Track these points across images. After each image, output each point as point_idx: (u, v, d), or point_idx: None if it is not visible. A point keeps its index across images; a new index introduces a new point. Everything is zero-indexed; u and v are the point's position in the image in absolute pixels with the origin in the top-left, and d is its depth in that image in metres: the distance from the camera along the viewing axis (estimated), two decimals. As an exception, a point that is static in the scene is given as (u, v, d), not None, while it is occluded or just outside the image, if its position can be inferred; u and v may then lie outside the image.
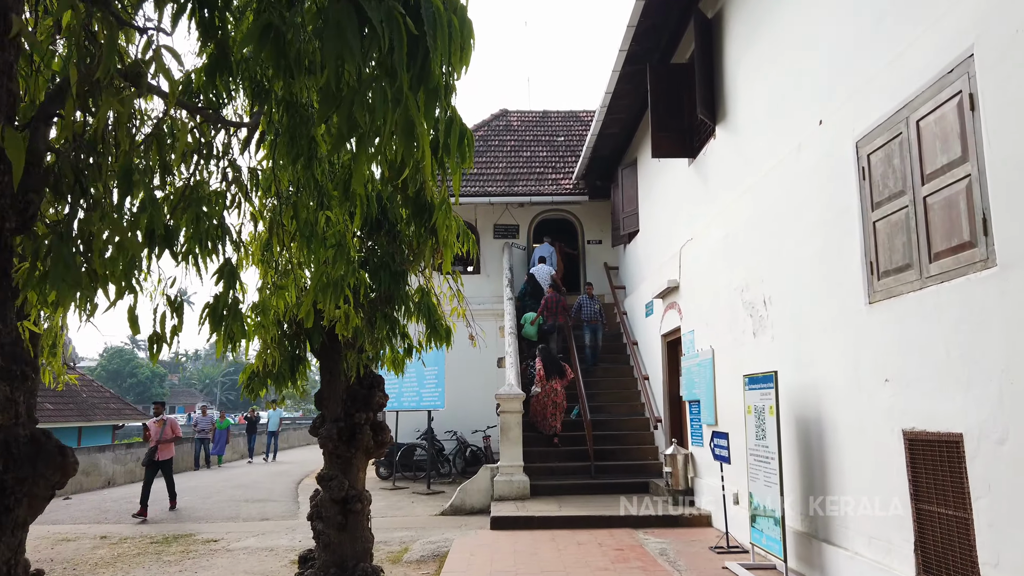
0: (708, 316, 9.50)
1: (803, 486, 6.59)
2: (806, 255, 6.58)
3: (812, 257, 6.46)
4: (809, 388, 6.52)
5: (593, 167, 16.09)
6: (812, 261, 6.46)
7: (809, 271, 6.52)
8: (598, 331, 14.63)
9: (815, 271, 6.40)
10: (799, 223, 6.75)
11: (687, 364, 10.36)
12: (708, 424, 9.42)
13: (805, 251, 6.60)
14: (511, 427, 11.48)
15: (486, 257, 17.23)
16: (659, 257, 12.43)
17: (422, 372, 14.24)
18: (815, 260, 6.40)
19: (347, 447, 5.87)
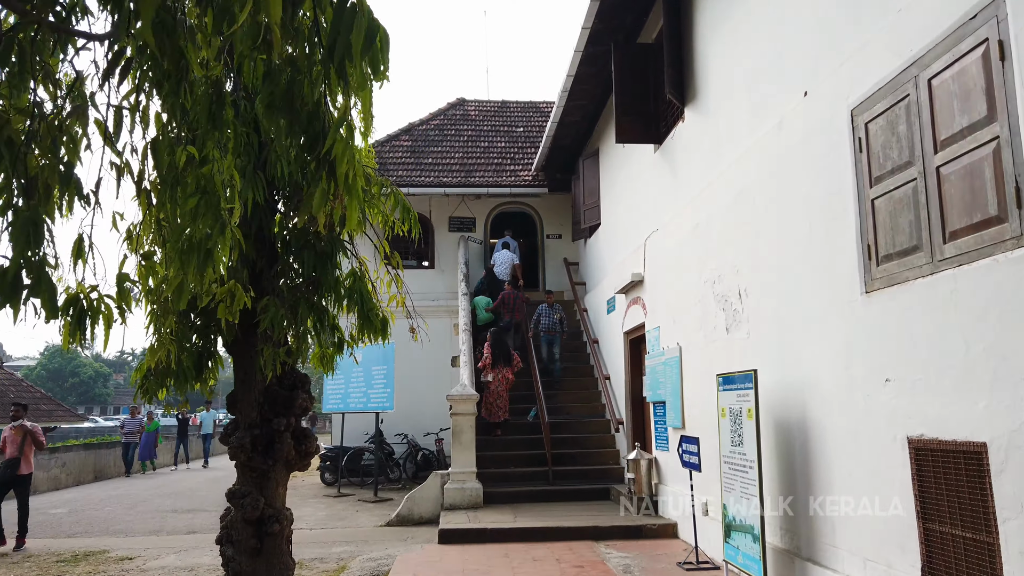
0: (675, 311, 8.80)
1: (785, 498, 5.89)
2: (790, 242, 5.89)
3: (797, 244, 5.77)
4: (792, 389, 5.83)
5: (553, 158, 15.34)
6: (797, 248, 5.77)
7: (793, 259, 5.83)
8: (556, 343, 13.57)
9: (800, 259, 5.71)
10: (781, 207, 6.06)
11: (652, 363, 9.65)
12: (675, 427, 8.71)
13: (788, 237, 5.91)
14: (464, 430, 10.64)
15: (440, 251, 16.36)
16: (622, 251, 11.73)
17: (370, 372, 13.31)
18: (800, 247, 5.71)
19: (263, 458, 4.97)
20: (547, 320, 13.56)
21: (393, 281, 5.40)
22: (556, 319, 13.59)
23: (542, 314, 13.63)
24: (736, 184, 7.03)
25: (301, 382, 5.26)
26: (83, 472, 17.72)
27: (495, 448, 11.84)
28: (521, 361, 12.63)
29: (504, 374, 12.24)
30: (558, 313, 13.69)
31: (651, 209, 10.13)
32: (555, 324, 13.55)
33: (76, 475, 17.35)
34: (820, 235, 5.40)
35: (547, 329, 13.51)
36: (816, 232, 5.46)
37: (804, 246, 5.64)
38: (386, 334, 5.11)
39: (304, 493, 14.08)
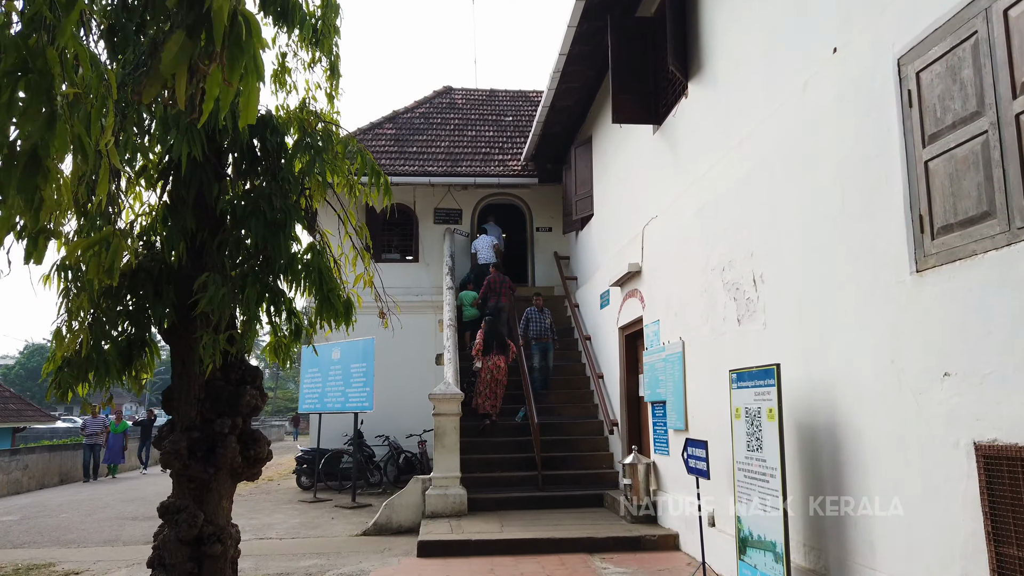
0: (677, 303, 8.05)
1: (812, 512, 5.14)
2: (817, 218, 5.14)
3: (826, 220, 5.02)
4: (819, 386, 5.09)
5: (544, 147, 14.56)
6: (826, 225, 5.02)
7: (821, 238, 5.08)
8: (549, 351, 12.34)
9: (830, 237, 4.96)
10: (806, 180, 5.31)
11: (650, 359, 8.90)
12: (676, 429, 7.96)
13: (816, 214, 5.17)
14: (447, 432, 9.84)
15: (425, 244, 15.54)
16: (617, 241, 10.97)
17: (348, 370, 12.48)
18: (830, 223, 4.96)
19: (203, 466, 4.16)
20: (537, 326, 12.35)
21: (360, 257, 4.58)
22: (547, 324, 12.38)
23: (531, 319, 12.40)
24: (749, 159, 6.28)
25: (251, 376, 4.45)
26: (47, 475, 16.77)
27: (481, 451, 11.05)
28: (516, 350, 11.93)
29: (496, 362, 11.49)
30: (548, 318, 12.49)
31: (649, 195, 9.38)
32: (546, 329, 12.35)
33: (39, 478, 16.40)
34: (856, 208, 4.65)
35: (537, 335, 12.29)
36: (851, 205, 4.71)
37: (835, 222, 4.89)
38: (350, 319, 4.31)
39: (278, 498, 13.22)
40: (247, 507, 12.16)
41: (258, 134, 4.27)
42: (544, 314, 12.48)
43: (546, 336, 12.31)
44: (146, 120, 3.96)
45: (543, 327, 12.33)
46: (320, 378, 13.13)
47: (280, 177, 4.17)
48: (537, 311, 12.48)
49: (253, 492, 14.28)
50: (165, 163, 4.21)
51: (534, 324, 12.35)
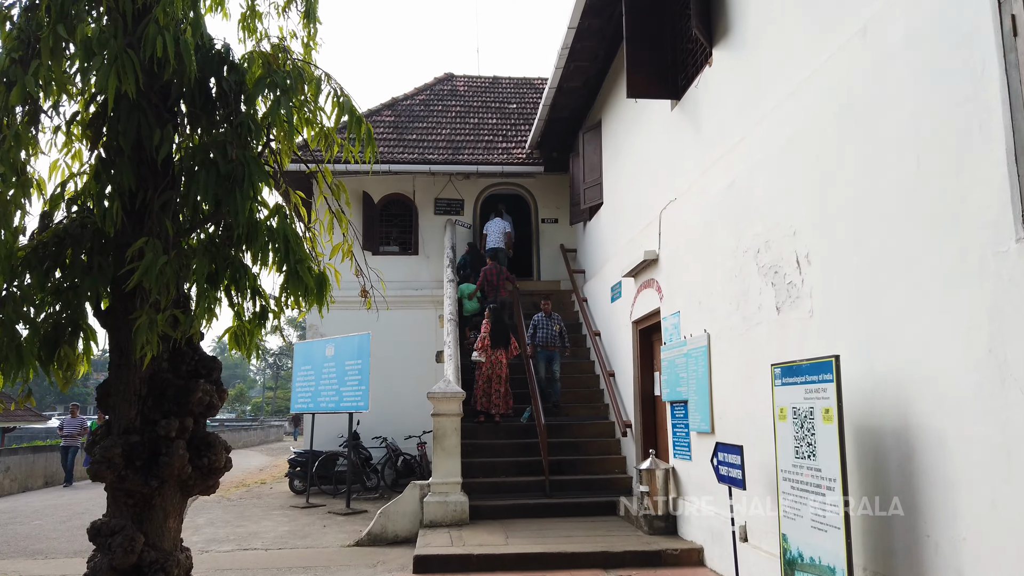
0: (701, 292, 7.25)
1: (876, 533, 4.33)
2: (882, 184, 4.34)
3: (894, 183, 4.22)
4: (885, 382, 4.28)
5: (550, 133, 13.76)
6: (894, 191, 4.22)
7: (888, 207, 4.28)
8: (556, 360, 11.15)
9: (901, 205, 4.15)
10: (867, 138, 4.51)
11: (669, 355, 8.09)
12: (701, 432, 7.16)
13: (879, 177, 4.36)
14: (447, 434, 9.05)
15: (425, 236, 14.75)
16: (630, 229, 10.17)
17: (343, 367, 11.69)
18: (900, 187, 4.16)
19: (143, 477, 3.37)
20: (545, 332, 11.17)
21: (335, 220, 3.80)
22: (556, 331, 11.20)
23: (539, 325, 11.21)
24: (791, 123, 5.48)
25: (206, 368, 3.66)
26: (31, 477, 16.00)
27: (484, 454, 10.25)
28: (518, 346, 11.15)
29: (498, 356, 10.73)
30: (558, 324, 11.30)
31: (667, 177, 8.58)
32: (555, 337, 11.17)
33: (22, 481, 15.62)
34: (936, 165, 3.85)
35: (545, 343, 11.13)
36: (929, 162, 3.91)
37: (907, 185, 4.09)
38: (323, 297, 3.53)
39: (269, 503, 12.43)
40: (234, 513, 11.38)
41: (213, 72, 3.48)
42: (552, 320, 11.29)
43: (554, 344, 11.13)
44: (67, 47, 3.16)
45: (551, 334, 11.16)
46: (313, 376, 12.35)
47: (239, 123, 3.37)
48: (545, 317, 11.27)
49: (244, 496, 13.50)
50: (99, 105, 3.42)
51: (542, 331, 11.17)
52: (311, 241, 3.81)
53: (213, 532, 9.71)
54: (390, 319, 14.17)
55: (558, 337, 11.21)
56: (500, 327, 11.13)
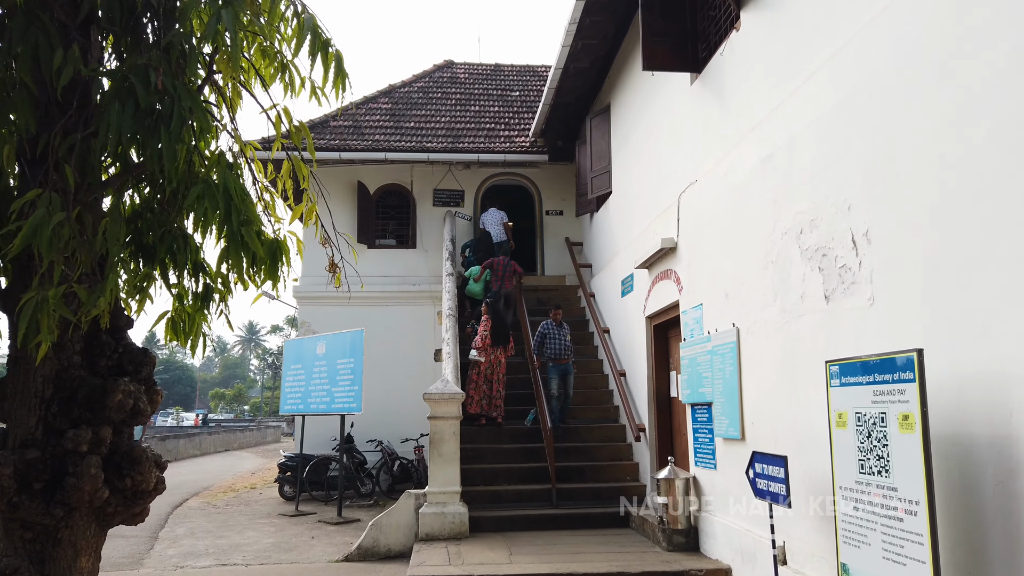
0: (729, 282, 6.45)
1: (965, 567, 3.53)
2: (969, 140, 3.55)
3: (987, 141, 3.42)
4: (976, 383, 3.49)
5: (555, 120, 12.96)
6: (988, 148, 3.43)
7: (980, 164, 3.48)
8: (569, 375, 9.86)
9: (995, 163, 3.36)
10: (948, 88, 3.71)
11: (689, 352, 7.30)
12: (728, 438, 6.36)
13: (966, 134, 3.57)
14: (445, 438, 8.25)
15: (423, 229, 13.95)
16: (643, 217, 9.38)
17: (334, 366, 10.90)
18: (997, 144, 3.37)
19: (44, 504, 2.59)
20: (556, 344, 9.81)
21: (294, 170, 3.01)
22: (567, 342, 9.90)
23: (548, 335, 9.88)
24: (842, 84, 4.69)
25: (133, 363, 2.88)
26: None
27: (484, 460, 9.45)
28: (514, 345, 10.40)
29: (496, 355, 9.97)
30: (568, 333, 10.05)
31: (685, 158, 7.80)
32: (566, 348, 9.85)
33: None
34: (1054, 113, 3.06)
35: (556, 355, 9.76)
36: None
37: (1006, 141, 3.30)
38: (277, 270, 2.74)
39: (255, 511, 11.63)
40: (218, 521, 10.59)
41: (138, -21, 2.68)
42: (563, 330, 9.99)
43: (566, 357, 9.82)
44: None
45: (562, 345, 9.83)
46: (303, 375, 11.56)
47: (167, 44, 2.58)
48: (555, 326, 9.94)
49: (231, 503, 12.71)
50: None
51: (552, 341, 9.83)
52: (268, 204, 3.02)
53: (191, 544, 8.91)
54: (386, 315, 13.43)
55: (570, 349, 9.96)
56: (500, 323, 10.36)
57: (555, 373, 9.75)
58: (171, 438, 24.41)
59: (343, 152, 13.11)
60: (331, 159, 13.23)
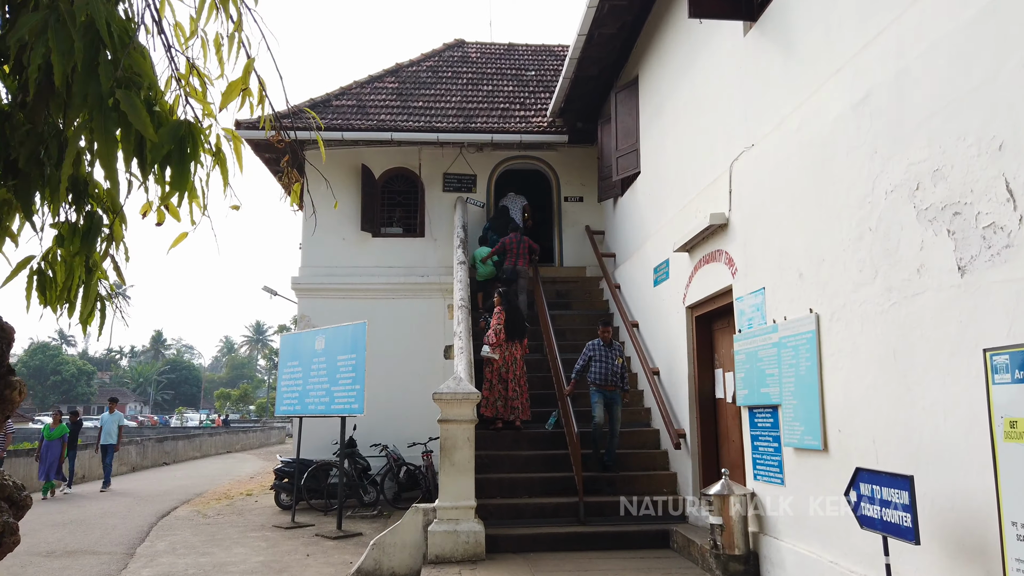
0: (802, 260, 5.31)
1: None
2: None
3: None
4: None
5: (576, 98, 11.84)
6: None
7: None
8: (616, 404, 8.16)
9: None
10: None
11: (747, 346, 6.15)
12: (803, 448, 5.21)
13: None
14: (457, 445, 7.12)
15: (433, 216, 12.83)
16: (680, 196, 8.24)
17: (334, 362, 9.79)
18: None
19: None
20: (603, 367, 8.13)
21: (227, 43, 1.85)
22: (617, 366, 8.22)
23: (595, 357, 8.20)
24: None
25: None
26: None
27: (501, 468, 8.33)
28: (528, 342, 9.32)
29: (512, 351, 8.87)
30: (619, 356, 8.36)
31: (738, 121, 6.67)
32: (615, 374, 8.16)
33: None
34: None
35: (604, 380, 8.09)
36: None
37: None
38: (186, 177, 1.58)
39: (248, 522, 10.53)
40: (205, 535, 9.49)
41: None
42: (613, 351, 8.28)
43: (615, 383, 8.16)
44: None
45: (611, 369, 8.14)
46: (301, 373, 10.45)
47: None
48: (604, 347, 8.25)
49: (223, 512, 11.62)
50: None
51: (599, 365, 8.17)
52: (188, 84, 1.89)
53: (170, 563, 7.81)
54: (392, 309, 12.33)
55: (621, 375, 8.26)
56: (515, 315, 9.22)
57: (599, 398, 8.10)
58: (169, 439, 23.35)
59: (346, 132, 12.02)
60: (333, 139, 12.15)
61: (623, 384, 8.33)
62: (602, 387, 8.15)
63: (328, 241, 12.55)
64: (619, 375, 8.24)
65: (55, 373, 62.21)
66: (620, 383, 8.27)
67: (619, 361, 8.29)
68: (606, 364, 8.21)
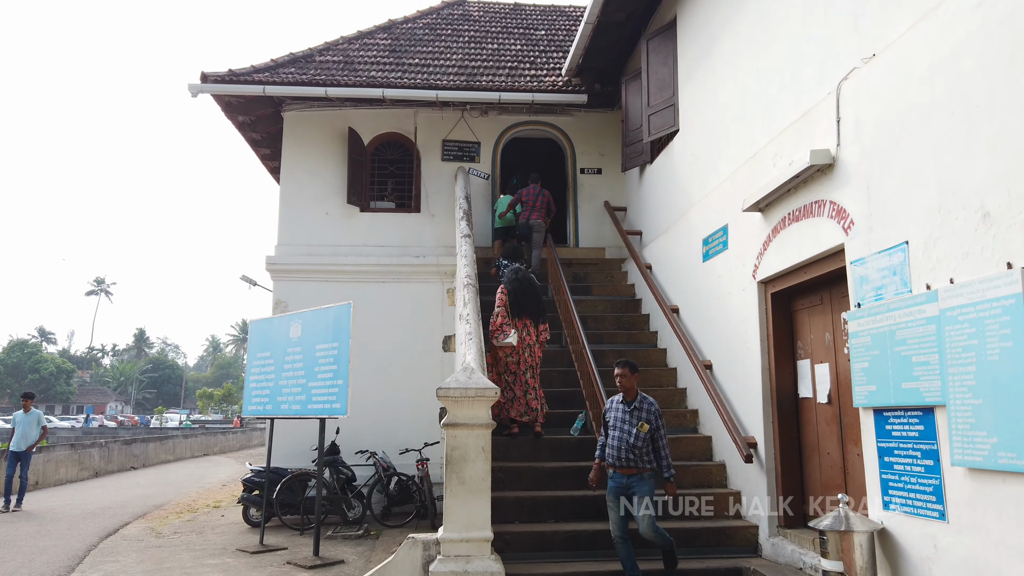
0: (992, 194, 3.58)
1: None
2: None
3: None
4: None
5: (597, 49, 10.11)
6: None
7: None
8: (640, 493, 5.28)
9: None
10: None
11: (872, 325, 4.42)
12: (988, 469, 3.48)
13: None
14: (468, 457, 5.33)
15: (429, 188, 11.05)
16: (743, 145, 6.53)
17: (312, 353, 7.98)
18: None
19: None
20: (617, 436, 5.42)
21: None
22: (637, 435, 5.36)
23: (611, 421, 5.54)
24: None
25: None
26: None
27: (519, 484, 6.56)
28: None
29: (526, 337, 7.16)
30: (642, 422, 5.38)
31: (843, 32, 4.97)
32: (632, 446, 5.35)
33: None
34: None
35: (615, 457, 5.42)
36: None
37: None
38: None
39: (209, 543, 8.66)
40: (153, 561, 7.64)
41: None
42: (638, 410, 5.44)
43: (632, 465, 5.33)
44: None
45: (627, 440, 5.36)
46: (273, 366, 8.62)
47: None
48: (622, 403, 5.52)
49: (181, 529, 9.75)
50: None
51: (613, 433, 5.48)
52: None
53: (94, 607, 5.98)
54: (382, 294, 10.52)
55: (639, 450, 5.34)
56: (527, 290, 7.43)
57: (613, 490, 5.39)
58: (139, 441, 21.36)
59: (330, 87, 10.23)
60: (315, 96, 10.37)
61: (649, 463, 5.33)
62: (617, 468, 5.41)
63: (309, 215, 10.75)
64: (638, 449, 5.32)
65: (33, 371, 59.71)
66: (640, 461, 5.30)
67: (641, 428, 5.34)
68: (621, 432, 5.40)
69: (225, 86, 10.21)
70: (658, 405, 5.58)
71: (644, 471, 5.35)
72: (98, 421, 50.79)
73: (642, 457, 5.36)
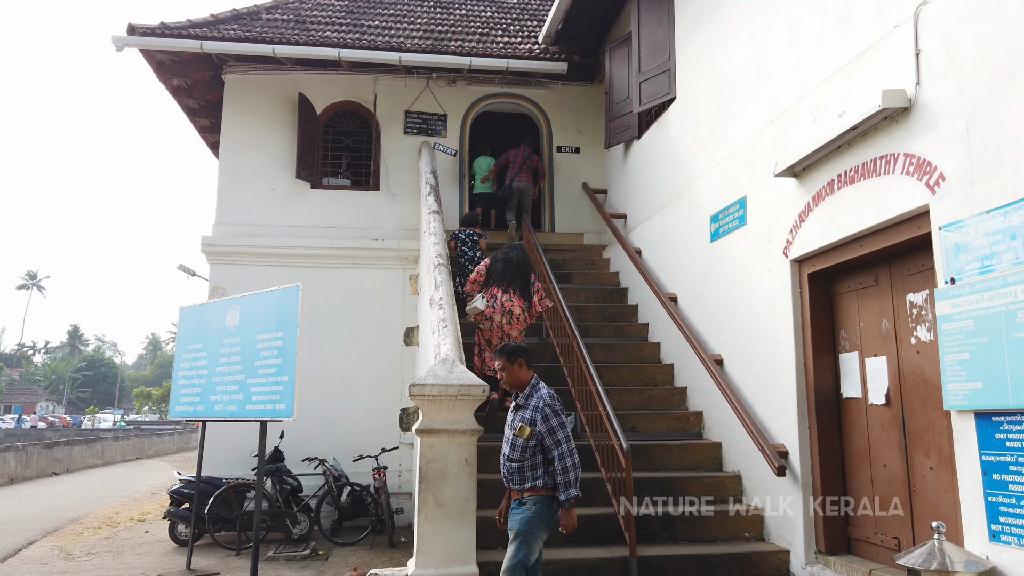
0: None
1: None
2: None
3: None
4: None
5: (579, 13, 9.05)
6: None
7: None
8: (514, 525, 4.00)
9: None
10: None
11: (975, 306, 3.43)
12: None
13: None
14: (449, 472, 4.18)
15: (390, 164, 9.81)
16: (767, 103, 5.54)
17: (252, 345, 6.66)
18: None
19: None
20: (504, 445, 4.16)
21: None
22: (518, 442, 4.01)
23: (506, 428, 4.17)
24: None
25: None
26: None
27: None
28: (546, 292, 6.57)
29: (505, 303, 6.12)
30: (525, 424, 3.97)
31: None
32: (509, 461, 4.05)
33: None
34: None
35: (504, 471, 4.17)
36: None
37: None
38: None
39: (126, 567, 7.25)
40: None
41: None
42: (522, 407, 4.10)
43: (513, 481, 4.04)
44: None
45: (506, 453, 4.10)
46: (206, 359, 7.26)
47: None
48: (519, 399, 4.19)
49: (96, 548, 8.29)
50: None
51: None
52: None
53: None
54: (336, 281, 9.21)
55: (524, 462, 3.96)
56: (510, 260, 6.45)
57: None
58: (63, 444, 19.41)
59: (277, 46, 8.92)
60: (261, 56, 9.06)
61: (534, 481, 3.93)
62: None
63: (253, 192, 9.41)
64: (515, 463, 3.97)
65: (-45, 369, 55.73)
66: (516, 479, 3.98)
67: (520, 433, 3.96)
68: (505, 440, 4.13)
69: (156, 39, 8.80)
70: (553, 397, 4.00)
71: (526, 492, 3.91)
72: (30, 422, 47.75)
73: (523, 473, 3.92)
